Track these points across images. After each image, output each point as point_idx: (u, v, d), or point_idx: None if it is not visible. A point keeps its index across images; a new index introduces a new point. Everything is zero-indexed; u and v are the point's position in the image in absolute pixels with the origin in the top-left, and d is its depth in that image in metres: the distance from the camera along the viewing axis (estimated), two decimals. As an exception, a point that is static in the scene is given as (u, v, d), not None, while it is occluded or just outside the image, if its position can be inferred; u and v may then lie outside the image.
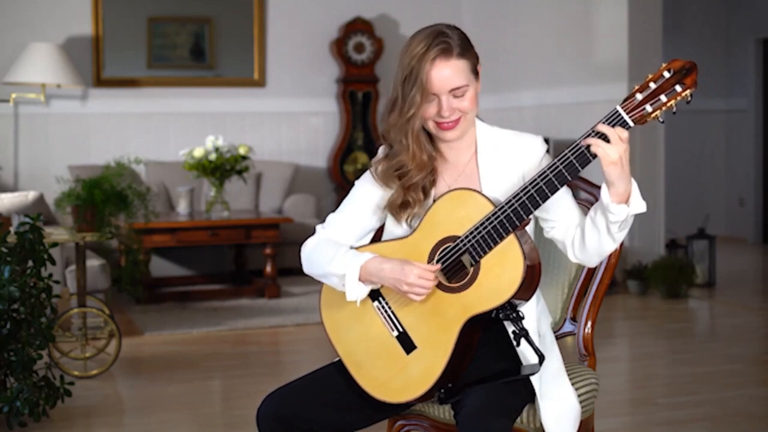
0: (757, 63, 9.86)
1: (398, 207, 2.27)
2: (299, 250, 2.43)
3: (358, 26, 8.45)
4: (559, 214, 2.24)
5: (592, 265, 2.27)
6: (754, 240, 9.91)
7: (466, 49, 2.21)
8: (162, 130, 8.04)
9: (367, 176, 2.35)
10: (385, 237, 2.34)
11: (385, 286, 2.24)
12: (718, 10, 10.10)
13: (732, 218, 10.10)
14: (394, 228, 2.31)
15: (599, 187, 2.47)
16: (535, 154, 2.25)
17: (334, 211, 2.40)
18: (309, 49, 8.49)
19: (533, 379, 2.20)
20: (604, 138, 2.03)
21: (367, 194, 2.33)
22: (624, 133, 2.03)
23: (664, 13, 7.65)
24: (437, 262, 2.18)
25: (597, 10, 7.29)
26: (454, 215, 2.17)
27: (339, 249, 2.27)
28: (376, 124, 8.53)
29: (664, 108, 2.02)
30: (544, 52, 7.87)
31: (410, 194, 2.26)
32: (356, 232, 2.35)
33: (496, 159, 2.26)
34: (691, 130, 10.00)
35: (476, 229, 2.12)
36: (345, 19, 8.49)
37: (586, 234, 2.18)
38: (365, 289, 2.24)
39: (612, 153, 2.02)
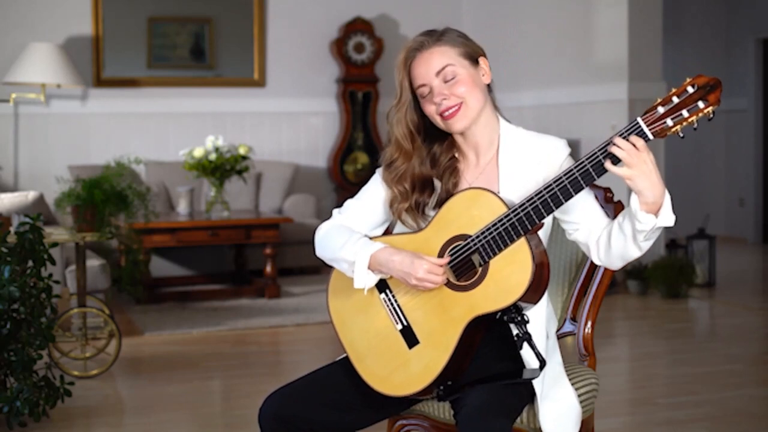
0: (757, 63, 9.85)
1: (390, 204, 2.30)
2: (313, 235, 2.45)
3: (358, 26, 8.45)
4: (581, 216, 2.22)
5: (615, 268, 2.25)
6: (754, 240, 9.91)
7: (449, 39, 2.24)
8: (162, 130, 8.04)
9: (378, 176, 2.37)
10: (397, 230, 2.35)
11: (393, 279, 2.25)
12: (718, 10, 10.10)
13: (732, 218, 10.10)
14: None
15: (602, 189, 2.47)
16: (557, 158, 2.23)
17: (333, 212, 2.41)
18: (309, 49, 8.49)
19: (534, 382, 2.20)
20: (618, 155, 2.00)
21: (379, 194, 2.35)
22: (639, 142, 2.00)
23: (664, 13, 7.65)
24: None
25: (597, 10, 7.29)
26: (466, 214, 2.17)
27: (351, 236, 2.28)
28: (376, 124, 8.53)
29: (685, 123, 2.00)
30: (544, 52, 7.87)
31: (397, 186, 2.28)
32: (370, 222, 2.36)
33: (517, 160, 2.25)
34: (691, 129, 9.98)
35: (488, 229, 2.12)
36: (345, 19, 8.48)
37: (612, 237, 2.16)
38: (374, 278, 2.24)
39: (626, 171, 2.01)
